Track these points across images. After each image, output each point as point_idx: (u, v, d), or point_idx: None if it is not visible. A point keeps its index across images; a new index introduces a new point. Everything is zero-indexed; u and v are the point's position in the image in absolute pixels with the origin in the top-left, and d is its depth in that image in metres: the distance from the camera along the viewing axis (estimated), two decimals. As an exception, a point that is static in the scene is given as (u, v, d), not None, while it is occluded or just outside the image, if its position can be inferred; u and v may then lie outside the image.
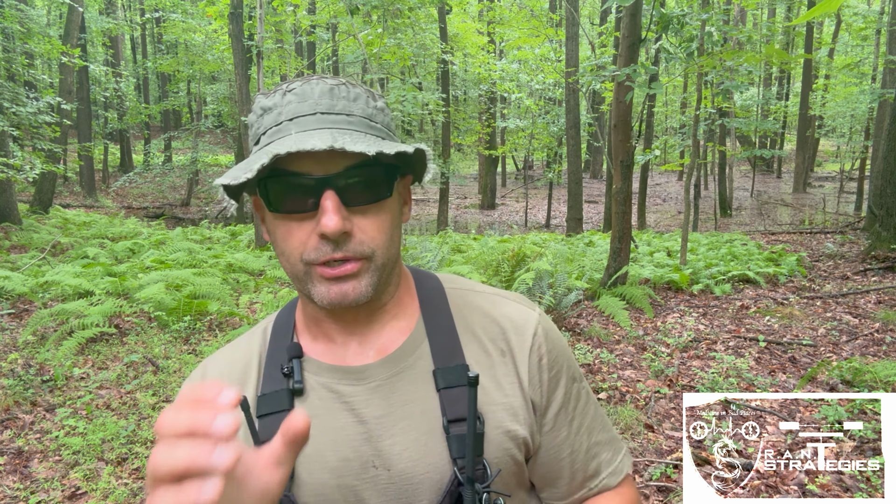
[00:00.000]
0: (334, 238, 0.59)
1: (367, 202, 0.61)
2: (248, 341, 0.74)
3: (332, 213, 0.57)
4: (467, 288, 0.75)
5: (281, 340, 0.71)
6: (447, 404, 0.64)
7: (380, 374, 0.66)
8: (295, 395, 0.67)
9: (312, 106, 0.60)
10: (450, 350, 0.67)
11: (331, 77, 0.63)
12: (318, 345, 0.70)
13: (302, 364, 0.68)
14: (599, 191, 20.40)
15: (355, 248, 0.60)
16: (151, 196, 18.72)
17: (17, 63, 10.70)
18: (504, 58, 17.71)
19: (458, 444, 0.62)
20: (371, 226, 0.62)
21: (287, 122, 0.60)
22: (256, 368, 0.70)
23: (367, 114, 0.63)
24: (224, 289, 5.46)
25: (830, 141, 27.36)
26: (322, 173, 0.58)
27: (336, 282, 0.61)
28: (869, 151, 15.33)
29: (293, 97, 0.61)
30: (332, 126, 0.60)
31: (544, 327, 0.72)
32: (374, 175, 0.61)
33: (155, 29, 22.15)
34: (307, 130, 0.59)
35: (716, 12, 6.63)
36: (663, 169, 21.27)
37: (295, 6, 11.13)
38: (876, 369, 3.52)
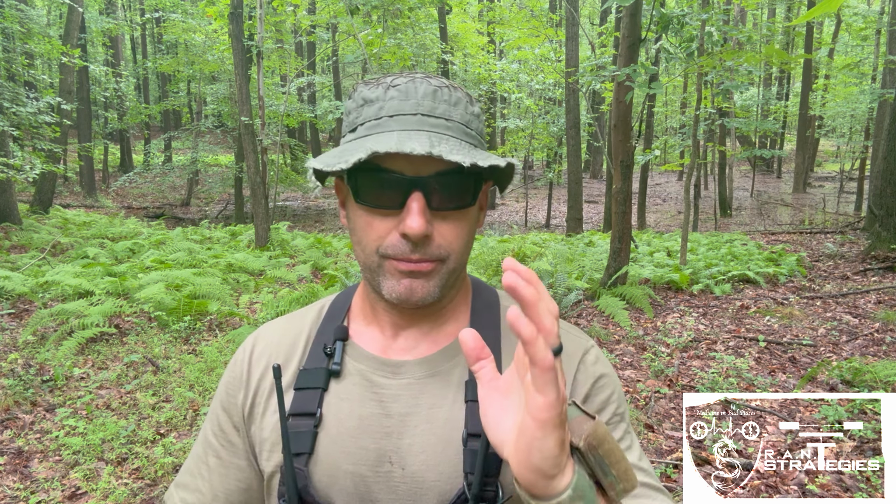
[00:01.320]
0: (416, 240, 0.60)
1: (451, 208, 0.62)
2: (302, 316, 0.76)
3: (417, 216, 0.59)
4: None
5: (334, 320, 0.73)
6: (471, 417, 0.64)
7: (415, 372, 0.67)
8: (332, 375, 0.68)
9: (414, 106, 0.61)
10: None
11: (435, 77, 0.64)
12: (368, 330, 0.71)
13: (345, 347, 0.70)
14: (599, 191, 20.40)
15: (432, 252, 0.62)
16: (151, 196, 18.72)
17: (18, 63, 10.70)
18: (504, 58, 17.72)
19: (472, 459, 0.62)
20: (450, 231, 0.63)
21: (388, 118, 0.61)
22: (304, 343, 0.72)
23: (464, 120, 0.64)
24: (224, 289, 5.46)
25: (830, 141, 27.36)
26: (413, 174, 0.59)
27: (408, 276, 0.62)
28: (869, 151, 15.33)
29: (396, 93, 0.62)
30: (431, 129, 0.60)
31: (595, 355, 0.71)
32: (461, 182, 0.61)
33: (155, 29, 22.15)
34: (407, 130, 0.60)
35: (716, 12, 6.62)
36: (663, 169, 21.26)
37: (295, 6, 11.13)
38: (876, 369, 3.52)
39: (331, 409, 0.67)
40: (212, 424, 0.75)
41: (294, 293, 5.49)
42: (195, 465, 0.75)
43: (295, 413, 0.66)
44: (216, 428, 0.74)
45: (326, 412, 0.67)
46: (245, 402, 0.72)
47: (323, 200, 19.06)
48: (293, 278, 6.53)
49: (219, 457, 0.73)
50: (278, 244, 8.79)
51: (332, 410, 0.67)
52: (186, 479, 0.75)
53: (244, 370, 0.73)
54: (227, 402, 0.73)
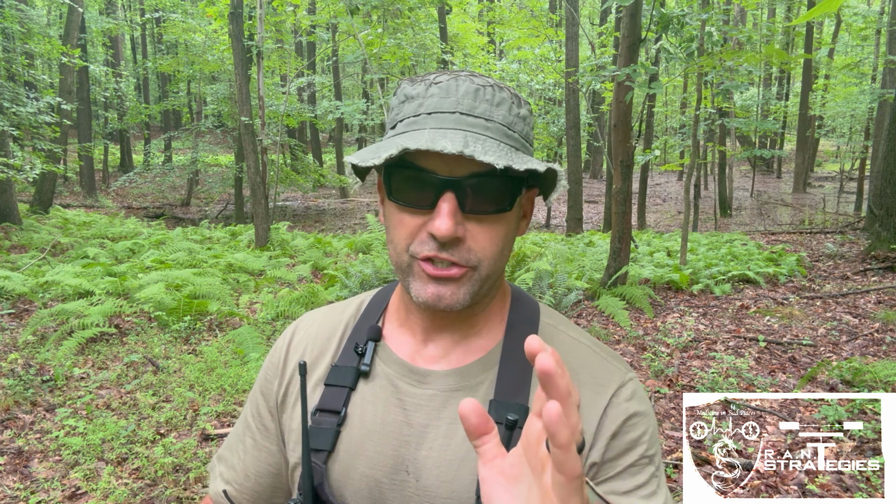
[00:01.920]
0: (442, 241, 0.58)
1: (486, 212, 0.60)
2: (342, 310, 0.76)
3: (445, 217, 0.57)
4: (563, 329, 0.71)
5: (370, 318, 0.73)
6: None
7: (440, 384, 0.66)
8: (361, 376, 0.68)
9: (454, 104, 0.59)
10: (517, 386, 0.63)
11: (480, 76, 0.62)
12: (399, 333, 0.70)
13: (376, 349, 0.70)
14: (599, 191, 20.40)
15: (463, 255, 0.60)
16: (151, 196, 18.72)
17: (18, 63, 10.70)
18: (504, 58, 17.72)
19: None
20: (484, 236, 0.60)
21: (426, 115, 0.60)
22: (339, 338, 0.73)
23: (507, 121, 0.61)
24: (224, 289, 5.46)
25: (830, 141, 27.36)
26: (446, 174, 0.58)
27: (435, 282, 0.60)
28: (869, 151, 15.33)
29: (437, 90, 0.60)
30: (468, 129, 0.58)
31: (631, 391, 0.66)
32: (497, 186, 0.59)
33: (155, 29, 22.15)
34: (442, 129, 0.58)
35: (716, 12, 6.63)
36: (663, 169, 21.26)
37: (295, 6, 11.13)
38: (876, 369, 3.52)
39: (356, 410, 0.66)
40: (251, 406, 0.76)
41: (294, 293, 5.49)
42: (235, 442, 0.77)
43: (322, 409, 0.67)
44: (254, 410, 0.75)
45: (351, 412, 0.66)
46: (279, 390, 0.73)
47: (323, 200, 19.06)
48: (293, 278, 6.53)
49: (254, 438, 0.74)
50: (278, 244, 8.79)
51: (357, 411, 0.66)
52: (226, 453, 0.78)
53: (282, 358, 0.74)
54: (265, 387, 0.74)
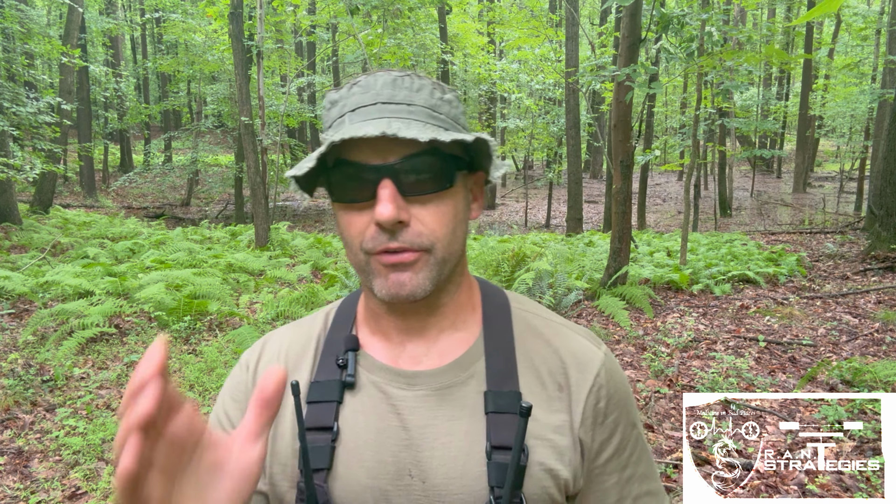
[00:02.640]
0: (389, 227, 0.58)
1: (426, 192, 0.60)
2: (310, 323, 0.74)
3: (386, 202, 0.57)
4: (534, 312, 0.73)
5: (341, 329, 0.71)
6: (493, 429, 0.62)
7: (431, 383, 0.65)
8: (346, 388, 0.67)
9: (374, 96, 0.61)
10: (505, 374, 0.65)
11: (398, 70, 0.63)
12: (374, 340, 0.69)
13: (357, 358, 0.68)
14: (599, 191, 20.40)
15: (412, 240, 0.59)
16: (151, 196, 18.72)
17: (18, 63, 10.70)
18: (504, 58, 17.71)
19: (498, 472, 0.60)
20: (430, 217, 0.60)
21: (349, 113, 0.61)
22: (313, 353, 0.70)
23: (430, 104, 0.62)
24: (224, 289, 5.46)
25: (830, 141, 27.36)
26: (379, 162, 0.58)
27: (393, 269, 0.60)
28: (869, 151, 15.33)
29: (357, 89, 0.62)
30: (390, 115, 0.60)
31: (609, 369, 0.68)
32: (433, 164, 0.60)
33: (155, 29, 22.16)
34: (367, 120, 0.59)
35: (716, 12, 6.62)
36: (663, 169, 21.27)
37: (295, 6, 11.13)
38: (876, 369, 3.52)
39: (347, 423, 0.65)
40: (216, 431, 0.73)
41: (294, 293, 5.49)
42: None
43: (311, 427, 0.65)
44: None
45: (343, 426, 0.65)
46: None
47: (323, 200, 19.04)
48: (293, 278, 6.53)
49: None
50: (278, 244, 8.79)
51: (349, 424, 0.65)
52: None
53: (250, 378, 0.71)
54: (231, 408, 0.71)
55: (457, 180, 0.62)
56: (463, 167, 0.64)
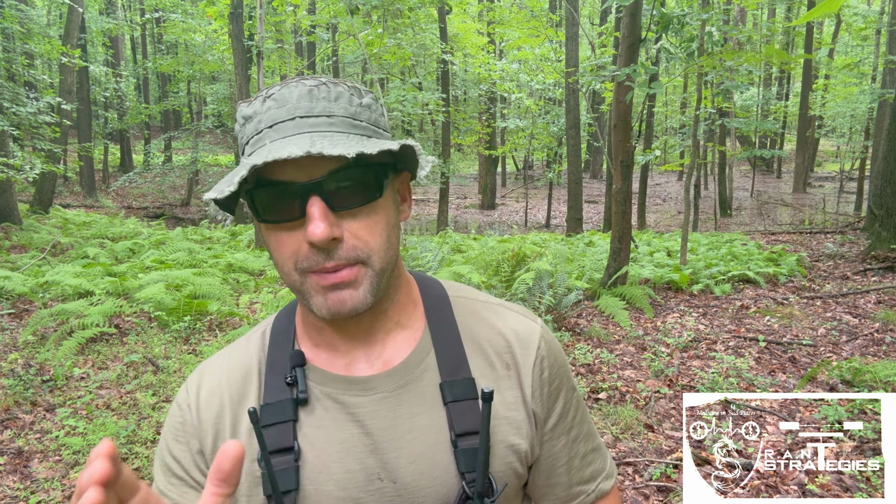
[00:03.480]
0: (323, 246, 0.57)
1: (356, 205, 0.59)
2: (245, 346, 0.71)
3: (318, 220, 0.55)
4: (471, 297, 0.74)
5: (281, 346, 0.69)
6: (455, 418, 0.63)
7: (386, 385, 0.65)
8: (299, 404, 0.65)
9: (290, 111, 0.58)
10: (456, 363, 0.66)
11: (310, 78, 0.61)
12: (320, 352, 0.68)
13: (305, 373, 0.66)
14: (599, 191, 20.40)
15: (348, 255, 0.58)
16: (151, 196, 18.72)
17: (18, 63, 10.71)
18: (504, 58, 17.71)
19: (466, 458, 0.62)
20: (363, 229, 0.59)
21: (267, 129, 0.58)
22: (257, 375, 0.68)
23: (349, 112, 0.60)
24: (224, 289, 5.46)
25: (830, 141, 27.37)
26: (305, 179, 0.56)
27: (332, 290, 0.59)
28: (869, 151, 15.33)
29: (272, 103, 0.59)
30: (311, 130, 0.57)
31: (546, 340, 0.71)
32: (360, 176, 0.58)
33: (155, 29, 22.16)
34: (286, 137, 0.57)
35: (716, 12, 6.63)
36: (663, 169, 21.27)
37: (295, 6, 11.13)
38: (876, 369, 3.52)
39: (307, 440, 0.64)
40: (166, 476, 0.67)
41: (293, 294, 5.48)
42: None
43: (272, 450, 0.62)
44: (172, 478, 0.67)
45: (304, 443, 0.64)
46: (204, 447, 0.66)
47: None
48: (293, 278, 6.52)
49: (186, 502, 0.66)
50: (278, 244, 8.78)
51: (309, 440, 0.64)
52: None
53: (193, 415, 0.67)
54: (177, 449, 0.67)
55: (385, 188, 0.61)
56: (389, 173, 0.62)
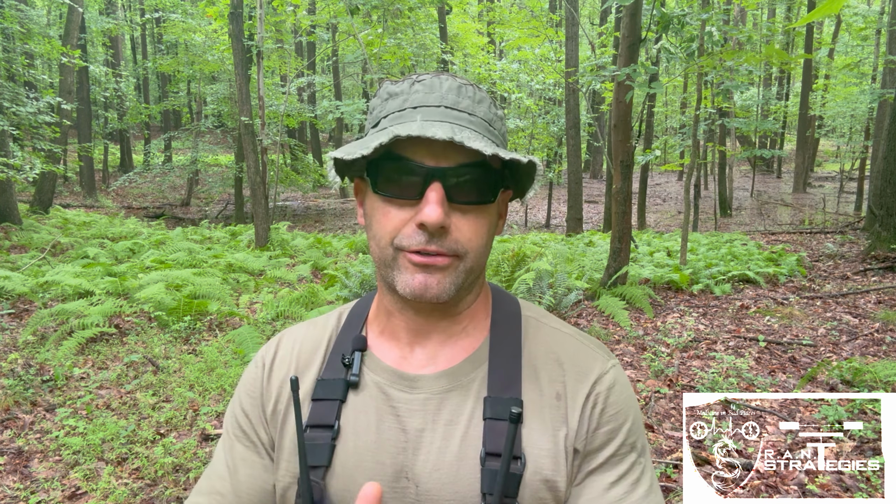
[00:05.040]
0: (432, 230, 0.58)
1: (471, 202, 0.61)
2: (324, 322, 0.75)
3: (435, 205, 0.57)
4: (544, 321, 0.73)
5: (352, 329, 0.72)
6: (489, 436, 0.62)
7: (432, 387, 0.66)
8: (350, 387, 0.67)
9: (438, 98, 0.61)
10: (508, 381, 0.65)
11: (461, 77, 0.64)
12: (382, 340, 0.70)
13: (363, 358, 0.69)
14: (599, 191, 20.40)
15: (449, 245, 0.60)
16: (151, 196, 18.72)
17: (17, 63, 10.70)
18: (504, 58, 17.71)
19: (491, 478, 0.60)
20: (469, 227, 0.61)
21: (411, 109, 0.61)
22: (324, 351, 0.71)
23: (488, 118, 0.63)
24: (224, 289, 5.46)
25: (830, 141, 27.36)
26: (433, 164, 0.58)
27: (423, 270, 0.60)
28: (869, 151, 15.33)
29: (421, 87, 0.62)
30: (454, 121, 0.60)
31: (612, 378, 0.67)
32: (482, 177, 0.61)
33: (155, 29, 22.15)
34: (430, 120, 0.59)
35: (716, 12, 6.63)
36: (663, 169, 21.27)
37: (295, 6, 11.13)
38: (876, 369, 3.52)
39: (349, 422, 0.65)
40: (234, 428, 0.73)
41: (294, 293, 5.49)
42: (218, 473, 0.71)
43: (313, 424, 0.65)
44: (241, 429, 0.72)
45: (344, 424, 0.65)
46: (266, 407, 0.71)
47: (322, 200, 19.06)
48: (293, 278, 6.53)
49: (245, 458, 0.70)
50: (278, 244, 8.79)
51: (350, 423, 0.65)
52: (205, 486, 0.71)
53: (265, 374, 0.72)
54: (248, 404, 0.72)
55: (497, 196, 0.64)
56: (504, 184, 0.65)
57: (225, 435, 0.74)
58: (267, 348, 0.75)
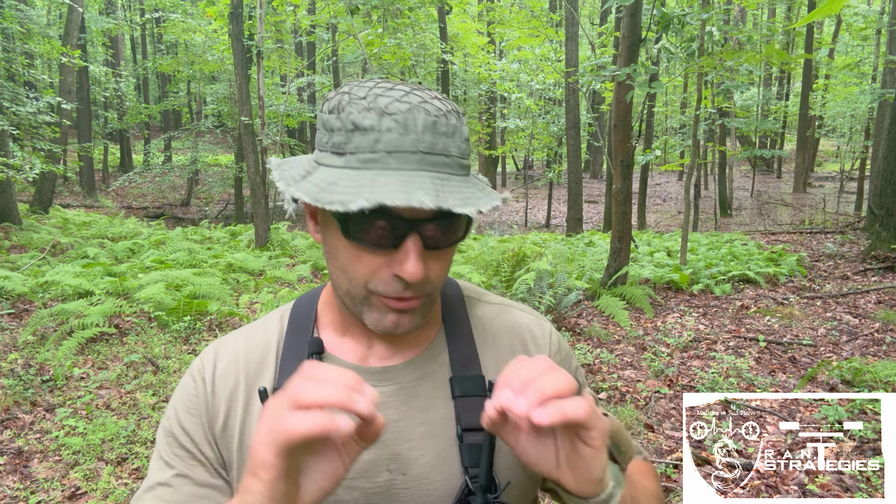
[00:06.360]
0: (412, 283, 0.58)
1: (445, 246, 0.60)
2: (263, 328, 0.72)
3: (415, 261, 0.57)
4: (483, 299, 0.77)
5: (300, 332, 0.70)
6: (462, 413, 0.65)
7: (402, 377, 0.67)
8: None
9: (414, 142, 0.56)
10: (468, 359, 0.69)
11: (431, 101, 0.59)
12: (344, 341, 0.69)
13: (322, 360, 0.67)
14: (599, 191, 20.40)
15: (423, 289, 0.61)
16: (151, 196, 18.72)
17: (17, 63, 10.70)
18: (504, 58, 17.71)
19: (470, 453, 0.63)
20: (440, 267, 0.62)
21: (385, 154, 0.56)
22: (273, 357, 0.69)
23: (461, 152, 0.60)
24: (224, 289, 5.46)
25: (830, 141, 27.36)
26: (411, 216, 0.56)
27: (396, 313, 0.61)
28: (869, 151, 15.32)
29: (393, 125, 0.56)
30: (433, 169, 0.57)
31: (556, 336, 0.76)
32: (457, 223, 0.60)
33: (155, 29, 22.15)
34: (407, 170, 0.55)
35: (716, 12, 6.63)
36: (663, 169, 21.26)
37: (295, 6, 11.13)
38: (876, 369, 3.52)
39: None
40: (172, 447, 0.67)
41: (294, 293, 5.49)
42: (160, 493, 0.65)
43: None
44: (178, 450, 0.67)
45: None
46: (214, 424, 0.67)
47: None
48: (293, 278, 6.53)
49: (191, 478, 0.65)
50: (278, 244, 8.79)
51: None
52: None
53: (207, 390, 0.68)
54: (188, 422, 0.67)
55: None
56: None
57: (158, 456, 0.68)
58: (203, 361, 0.70)
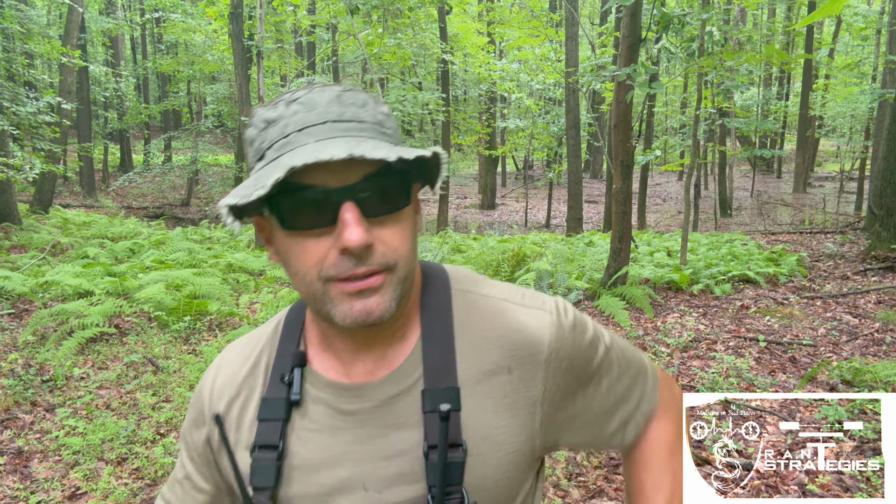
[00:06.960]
0: (358, 252, 0.55)
1: (388, 212, 0.58)
2: (259, 338, 0.72)
3: (354, 226, 0.54)
4: (475, 291, 0.69)
5: (288, 341, 0.69)
6: (430, 429, 0.61)
7: (379, 393, 0.64)
8: (293, 405, 0.65)
9: (321, 115, 0.57)
10: (442, 369, 0.63)
11: (334, 83, 0.60)
12: (326, 357, 0.67)
13: (304, 374, 0.66)
14: (599, 191, 20.40)
15: (378, 261, 0.57)
16: (151, 196, 18.72)
17: (17, 63, 10.70)
18: (504, 58, 17.71)
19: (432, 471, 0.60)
20: (392, 236, 0.58)
21: (296, 132, 0.56)
22: (265, 369, 0.69)
23: (377, 119, 0.60)
24: (224, 289, 5.46)
25: (830, 141, 27.36)
26: (339, 184, 0.55)
27: (359, 297, 0.57)
28: (869, 151, 15.32)
29: (299, 107, 0.57)
30: (345, 134, 0.56)
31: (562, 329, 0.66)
32: (392, 183, 0.58)
33: (155, 29, 22.15)
34: (321, 140, 0.55)
35: (716, 12, 6.63)
36: (663, 169, 21.27)
37: (295, 6, 11.13)
38: (876, 369, 3.52)
39: (298, 441, 0.64)
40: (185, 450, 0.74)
41: (294, 293, 5.49)
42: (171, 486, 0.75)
43: (261, 445, 0.64)
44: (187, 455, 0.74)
45: (293, 444, 0.64)
46: (212, 438, 0.70)
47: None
48: (293, 278, 6.52)
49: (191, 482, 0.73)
50: (278, 244, 8.78)
51: (303, 442, 0.64)
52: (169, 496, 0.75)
53: (206, 405, 0.71)
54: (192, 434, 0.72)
55: (411, 196, 0.61)
56: (414, 181, 0.62)
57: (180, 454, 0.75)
58: (207, 377, 0.73)
